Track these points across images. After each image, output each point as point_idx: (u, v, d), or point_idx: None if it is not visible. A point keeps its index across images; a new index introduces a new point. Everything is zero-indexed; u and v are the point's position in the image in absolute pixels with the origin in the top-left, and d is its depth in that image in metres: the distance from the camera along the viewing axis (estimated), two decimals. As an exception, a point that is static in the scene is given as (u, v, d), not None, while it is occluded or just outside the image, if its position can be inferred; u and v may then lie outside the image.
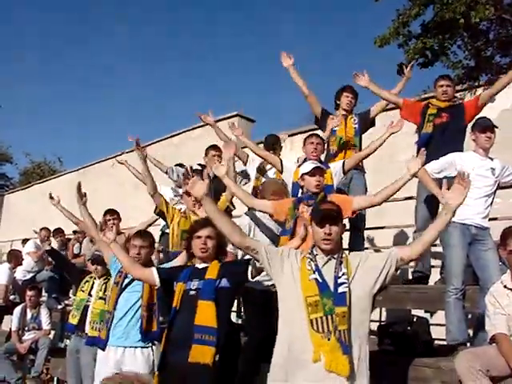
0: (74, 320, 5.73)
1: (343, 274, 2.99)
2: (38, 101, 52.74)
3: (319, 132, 5.71)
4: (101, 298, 5.22)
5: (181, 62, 60.26)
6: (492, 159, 4.56)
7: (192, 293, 3.54)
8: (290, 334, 2.98)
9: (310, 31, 57.67)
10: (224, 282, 3.56)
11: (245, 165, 5.90)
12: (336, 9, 53.92)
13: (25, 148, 47.54)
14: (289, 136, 8.96)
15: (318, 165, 4.31)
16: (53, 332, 7.84)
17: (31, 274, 8.65)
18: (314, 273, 3.01)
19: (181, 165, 6.74)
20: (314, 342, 2.86)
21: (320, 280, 2.98)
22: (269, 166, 5.68)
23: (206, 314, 3.44)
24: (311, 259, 3.08)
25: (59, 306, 8.25)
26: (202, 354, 3.37)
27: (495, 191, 4.56)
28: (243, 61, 59.56)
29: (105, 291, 5.22)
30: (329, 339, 2.84)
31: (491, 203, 4.52)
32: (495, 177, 4.49)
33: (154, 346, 4.30)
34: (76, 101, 55.23)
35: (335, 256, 3.09)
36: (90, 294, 5.62)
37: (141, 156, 5.31)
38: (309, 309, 2.92)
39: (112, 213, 6.36)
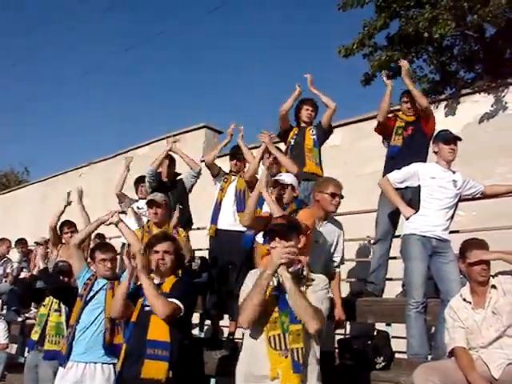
0: (34, 336, 5.52)
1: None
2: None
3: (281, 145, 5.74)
4: (56, 311, 5.07)
5: (149, 72, 59.94)
6: (454, 172, 4.58)
7: (147, 308, 3.47)
8: (251, 350, 2.92)
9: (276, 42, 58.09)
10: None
11: (214, 177, 5.84)
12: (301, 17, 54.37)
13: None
14: (253, 148, 8.97)
15: (280, 177, 4.32)
16: (15, 346, 7.59)
17: None
18: (276, 289, 2.94)
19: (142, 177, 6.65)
20: (271, 359, 2.81)
21: (280, 296, 2.91)
22: (233, 178, 5.64)
23: (158, 328, 3.37)
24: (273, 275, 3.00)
25: (19, 319, 8.00)
26: (155, 369, 3.29)
27: (456, 204, 4.57)
28: (212, 70, 59.55)
29: (59, 303, 5.07)
30: (286, 357, 2.79)
31: (452, 216, 4.53)
32: (457, 189, 4.49)
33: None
34: (42, 111, 54.31)
35: (290, 270, 2.96)
36: (50, 309, 5.45)
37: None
38: (268, 326, 2.87)
39: (69, 225, 6.21)
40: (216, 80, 59.79)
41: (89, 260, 4.63)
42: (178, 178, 6.25)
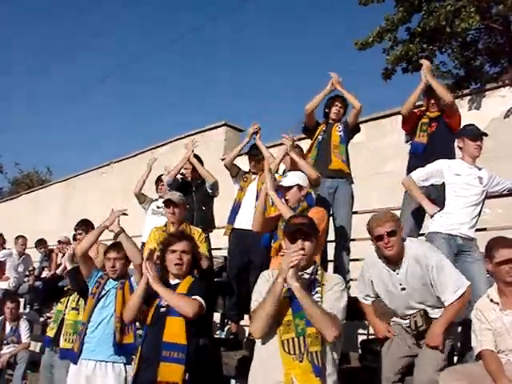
0: (50, 332, 5.52)
1: (316, 293, 2.83)
2: (27, 110, 52.62)
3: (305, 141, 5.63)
4: (74, 309, 5.05)
5: (171, 70, 60.24)
6: (480, 168, 4.45)
7: (162, 309, 3.41)
8: (264, 355, 2.83)
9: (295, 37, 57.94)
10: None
11: (233, 177, 5.77)
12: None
13: (15, 157, 47.17)
14: (276, 146, 8.87)
15: (280, 181, 4.22)
16: (39, 344, 7.61)
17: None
18: (288, 290, 2.82)
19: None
20: (285, 363, 2.70)
21: (294, 299, 2.80)
22: (253, 177, 5.57)
23: (174, 330, 3.31)
24: None
25: (41, 319, 8.05)
26: (171, 372, 3.22)
27: (483, 201, 4.44)
28: (232, 68, 59.65)
29: (78, 301, 5.05)
30: (301, 361, 2.68)
31: (479, 213, 4.40)
32: (483, 186, 4.37)
33: (127, 365, 4.14)
34: (65, 110, 55.05)
35: (308, 272, 2.93)
36: (67, 306, 5.44)
37: None
38: (281, 329, 2.77)
39: (80, 225, 6.20)
40: (237, 78, 59.91)
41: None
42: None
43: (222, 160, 7.16)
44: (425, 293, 3.53)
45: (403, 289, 3.56)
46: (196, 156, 6.05)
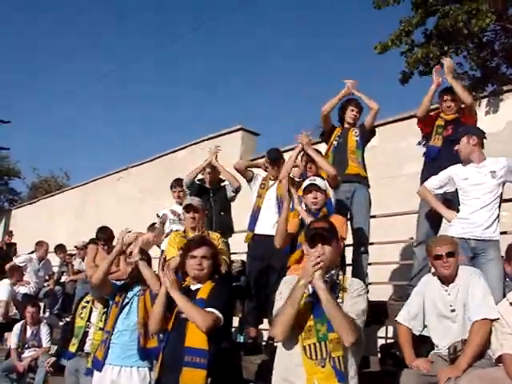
0: (72, 348, 5.61)
1: (337, 298, 2.83)
2: (44, 116, 53.08)
3: (322, 146, 5.65)
4: (101, 329, 4.94)
5: (184, 76, 60.53)
6: (491, 162, 4.38)
7: (183, 315, 3.39)
8: (286, 359, 2.84)
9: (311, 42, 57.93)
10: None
11: (249, 182, 5.79)
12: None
13: (33, 162, 47.55)
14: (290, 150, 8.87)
15: (314, 181, 4.23)
16: (55, 347, 7.69)
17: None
18: (310, 296, 2.84)
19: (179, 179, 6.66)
20: (307, 369, 2.72)
21: (315, 304, 2.81)
22: (271, 183, 5.56)
23: (196, 335, 3.29)
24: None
25: (61, 323, 8.14)
26: (193, 377, 3.22)
27: (501, 195, 4.37)
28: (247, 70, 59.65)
29: (106, 321, 5.03)
30: (323, 366, 2.70)
31: (497, 210, 4.32)
32: (497, 179, 4.30)
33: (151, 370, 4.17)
34: (84, 116, 55.47)
35: (328, 277, 2.90)
36: (88, 321, 5.53)
37: None
38: (303, 334, 2.78)
39: (101, 235, 6.22)
40: (253, 82, 60.02)
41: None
42: (222, 184, 6.19)
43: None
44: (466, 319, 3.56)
45: (453, 310, 3.62)
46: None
